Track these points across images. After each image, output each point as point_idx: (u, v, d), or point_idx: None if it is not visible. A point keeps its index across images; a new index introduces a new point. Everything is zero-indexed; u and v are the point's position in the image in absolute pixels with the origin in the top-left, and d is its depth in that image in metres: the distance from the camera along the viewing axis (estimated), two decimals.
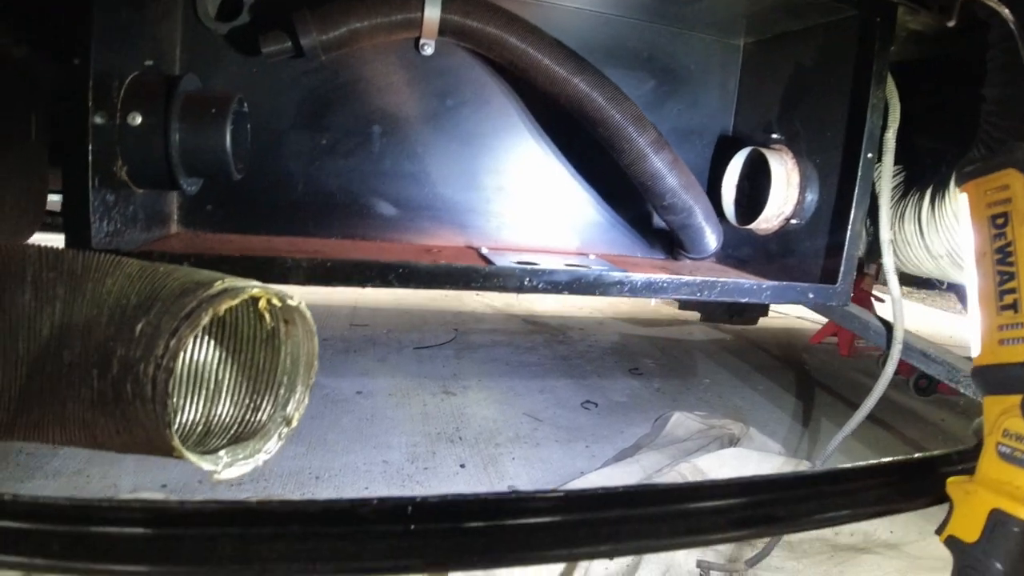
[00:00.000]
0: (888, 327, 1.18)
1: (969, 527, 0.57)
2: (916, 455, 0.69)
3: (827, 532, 1.61)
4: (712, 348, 3.07)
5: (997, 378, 0.56)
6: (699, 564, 1.32)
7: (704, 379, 2.59)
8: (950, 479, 0.60)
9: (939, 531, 0.62)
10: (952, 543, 0.59)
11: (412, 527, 0.50)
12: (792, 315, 3.91)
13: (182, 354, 0.60)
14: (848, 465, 0.64)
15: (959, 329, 4.12)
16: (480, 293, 3.93)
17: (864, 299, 2.61)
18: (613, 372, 2.58)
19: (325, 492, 1.50)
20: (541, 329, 3.12)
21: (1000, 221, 0.54)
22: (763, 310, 1.76)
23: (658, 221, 1.42)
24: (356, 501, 0.47)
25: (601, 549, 0.52)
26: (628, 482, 1.56)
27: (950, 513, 0.60)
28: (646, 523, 0.54)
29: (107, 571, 0.45)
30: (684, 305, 1.87)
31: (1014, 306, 0.53)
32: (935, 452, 0.70)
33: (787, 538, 1.52)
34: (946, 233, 1.11)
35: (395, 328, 2.90)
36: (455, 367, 2.46)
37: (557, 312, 3.54)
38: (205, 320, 0.61)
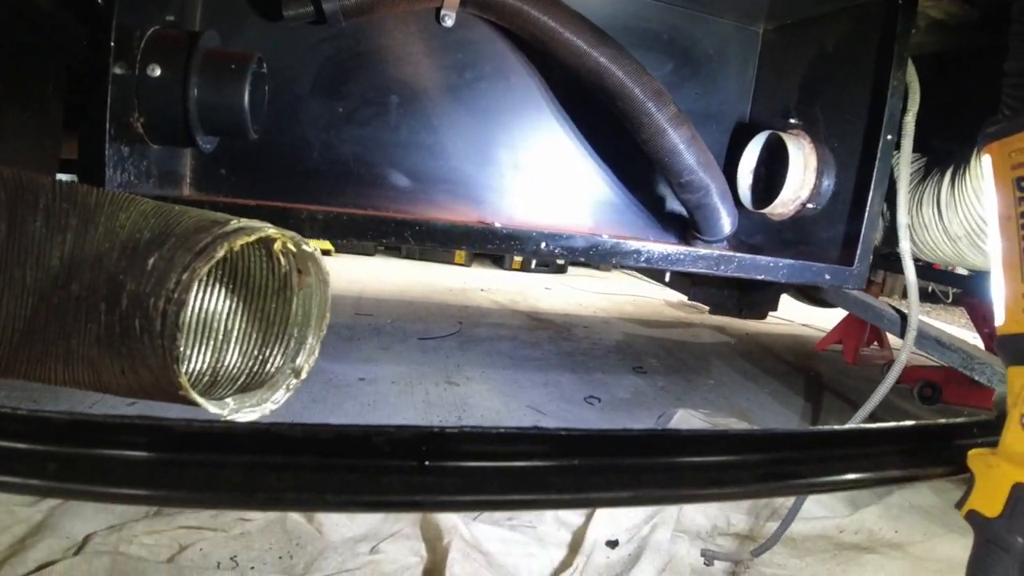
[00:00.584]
0: (903, 316, 1.17)
1: (991, 501, 0.54)
2: (936, 421, 0.68)
3: (831, 530, 1.58)
4: (717, 350, 3.05)
5: (1022, 348, 0.54)
6: (704, 553, 1.30)
7: (709, 379, 2.57)
8: (972, 452, 0.58)
9: (959, 505, 0.59)
10: (973, 517, 0.57)
11: (427, 463, 0.48)
12: (797, 322, 3.90)
13: (193, 290, 0.59)
14: (870, 425, 0.63)
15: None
16: (485, 288, 3.92)
17: None
18: (617, 369, 2.56)
19: None
20: (546, 326, 3.11)
21: None
22: (773, 303, 1.75)
23: (671, 205, 1.41)
24: (371, 428, 0.45)
25: (621, 495, 0.51)
26: None
27: (971, 487, 0.58)
28: (667, 472, 0.53)
29: (105, 494, 0.44)
30: (694, 296, 1.85)
31: None
32: (954, 420, 0.68)
33: (790, 536, 1.49)
34: (965, 212, 1.09)
35: (399, 319, 2.89)
36: (459, 358, 2.44)
37: (562, 310, 3.53)
38: (220, 254, 0.60)
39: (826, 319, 3.62)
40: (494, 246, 0.93)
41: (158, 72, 0.90)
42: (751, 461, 0.57)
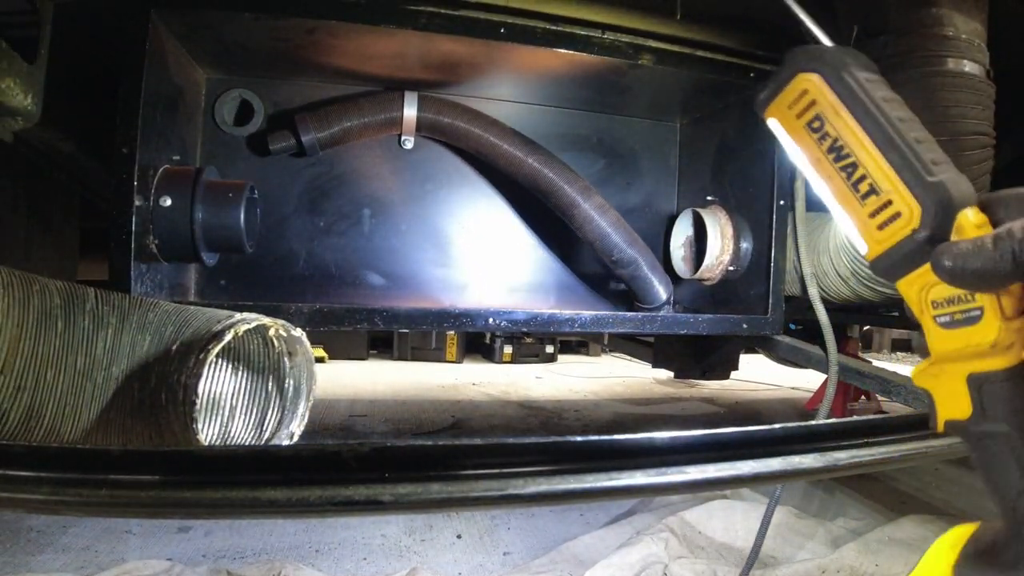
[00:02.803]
0: (826, 353, 1.33)
1: (958, 404, 0.51)
2: (800, 423, 0.81)
3: (814, 572, 1.64)
4: (706, 420, 3.14)
5: (896, 260, 0.53)
6: None
7: None
8: (914, 372, 0.55)
9: (932, 425, 0.55)
10: (951, 426, 0.53)
11: (386, 475, 0.63)
12: (786, 386, 4.01)
13: (207, 366, 0.76)
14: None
15: None
16: (477, 382, 4.05)
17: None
18: None
19: (324, 564, 1.57)
20: (537, 413, 3.21)
21: (816, 124, 0.53)
22: (733, 362, 1.89)
23: (618, 283, 1.60)
24: (342, 445, 0.61)
25: (523, 493, 0.64)
26: (621, 542, 1.63)
27: (933, 403, 0.54)
28: (577, 481, 0.67)
29: (153, 500, 0.58)
30: (656, 363, 2.00)
31: (873, 190, 0.52)
32: (820, 422, 0.82)
33: None
34: (845, 254, 1.28)
35: (393, 417, 3.00)
36: None
37: (553, 397, 3.64)
38: (227, 338, 0.77)
39: (815, 380, 3.72)
40: (449, 324, 1.10)
41: (169, 202, 1.10)
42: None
